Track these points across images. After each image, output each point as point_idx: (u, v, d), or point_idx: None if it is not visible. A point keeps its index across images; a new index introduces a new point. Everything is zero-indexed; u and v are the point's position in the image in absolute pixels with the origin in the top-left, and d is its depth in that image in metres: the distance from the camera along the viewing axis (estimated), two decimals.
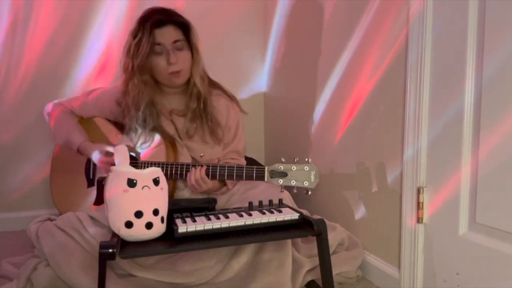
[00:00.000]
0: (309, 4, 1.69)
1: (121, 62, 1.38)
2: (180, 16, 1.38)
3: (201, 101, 1.42)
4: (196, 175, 1.29)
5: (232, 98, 1.52)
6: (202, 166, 1.29)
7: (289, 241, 1.22)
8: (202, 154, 1.43)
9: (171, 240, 0.99)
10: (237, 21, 2.08)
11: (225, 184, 1.40)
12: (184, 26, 1.37)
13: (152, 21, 1.31)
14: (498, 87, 0.93)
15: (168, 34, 1.34)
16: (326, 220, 1.09)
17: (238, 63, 2.11)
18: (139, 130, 1.37)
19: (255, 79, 2.18)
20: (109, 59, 1.90)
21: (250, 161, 1.70)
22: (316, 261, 1.22)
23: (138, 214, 0.96)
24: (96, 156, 1.39)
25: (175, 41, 1.34)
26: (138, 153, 1.36)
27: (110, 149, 1.39)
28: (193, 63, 1.39)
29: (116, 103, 1.43)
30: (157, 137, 1.39)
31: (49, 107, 1.57)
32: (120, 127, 1.48)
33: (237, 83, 1.69)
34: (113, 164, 1.04)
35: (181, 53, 1.36)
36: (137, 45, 1.31)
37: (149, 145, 1.38)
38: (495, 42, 0.93)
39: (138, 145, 1.38)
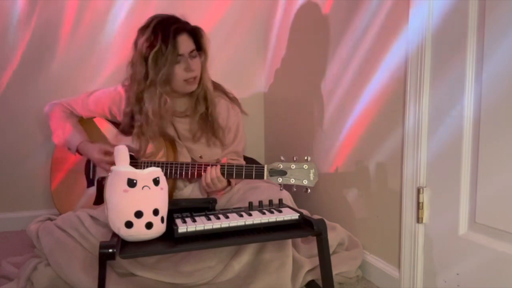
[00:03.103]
0: (309, 4, 1.69)
1: (131, 70, 1.35)
2: (189, 23, 1.37)
3: (208, 104, 1.42)
4: (212, 173, 1.29)
5: (232, 99, 1.52)
6: (216, 165, 1.29)
7: (290, 241, 1.22)
8: (200, 155, 1.43)
9: (171, 240, 0.99)
10: (238, 21, 2.08)
11: (229, 184, 1.40)
12: (195, 34, 1.37)
13: (174, 31, 1.29)
14: (498, 88, 0.93)
15: (185, 43, 1.33)
16: (326, 220, 1.10)
17: (238, 63, 2.11)
18: (149, 140, 1.36)
19: (255, 79, 2.18)
20: (109, 59, 1.90)
21: (250, 161, 1.70)
22: (316, 261, 1.22)
23: (138, 214, 0.96)
24: (95, 156, 1.39)
25: (192, 51, 1.34)
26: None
27: (109, 148, 1.39)
28: (203, 68, 1.40)
29: (124, 113, 1.41)
30: (160, 140, 1.39)
31: (49, 107, 1.57)
32: (120, 127, 1.48)
33: (237, 83, 1.69)
34: (113, 164, 1.04)
35: (196, 61, 1.36)
36: (157, 55, 1.27)
37: (156, 156, 1.38)
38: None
39: (147, 154, 1.37)
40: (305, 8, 1.73)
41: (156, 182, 1.00)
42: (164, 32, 1.28)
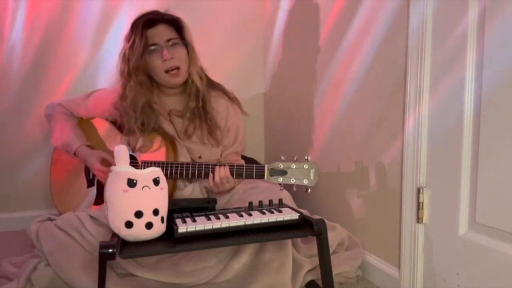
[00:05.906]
0: (310, 5, 1.69)
1: (117, 68, 1.39)
2: (170, 14, 1.39)
3: (200, 99, 1.41)
4: (221, 173, 1.28)
5: (233, 99, 1.51)
6: (224, 165, 1.29)
7: (290, 241, 1.22)
8: (200, 155, 1.43)
9: (171, 240, 0.99)
10: (238, 21, 2.08)
11: None
12: (176, 24, 1.38)
13: (143, 21, 1.33)
14: (498, 87, 0.93)
15: (161, 33, 1.35)
16: (326, 220, 1.09)
17: (239, 63, 2.11)
18: (138, 133, 1.37)
19: (255, 80, 2.18)
20: (110, 60, 1.90)
21: (250, 161, 1.70)
22: (316, 261, 1.22)
23: (138, 214, 0.96)
24: (92, 163, 1.40)
25: (169, 39, 1.35)
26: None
27: (107, 157, 1.40)
28: (190, 61, 1.39)
29: (114, 107, 1.43)
30: (157, 138, 1.39)
31: (48, 107, 1.57)
32: (120, 127, 1.48)
33: (237, 83, 1.69)
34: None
35: (176, 50, 1.36)
36: (131, 48, 1.32)
37: (148, 148, 1.37)
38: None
39: (136, 147, 1.38)
40: (306, 8, 1.73)
41: (156, 182, 1.00)
42: (136, 24, 1.33)
